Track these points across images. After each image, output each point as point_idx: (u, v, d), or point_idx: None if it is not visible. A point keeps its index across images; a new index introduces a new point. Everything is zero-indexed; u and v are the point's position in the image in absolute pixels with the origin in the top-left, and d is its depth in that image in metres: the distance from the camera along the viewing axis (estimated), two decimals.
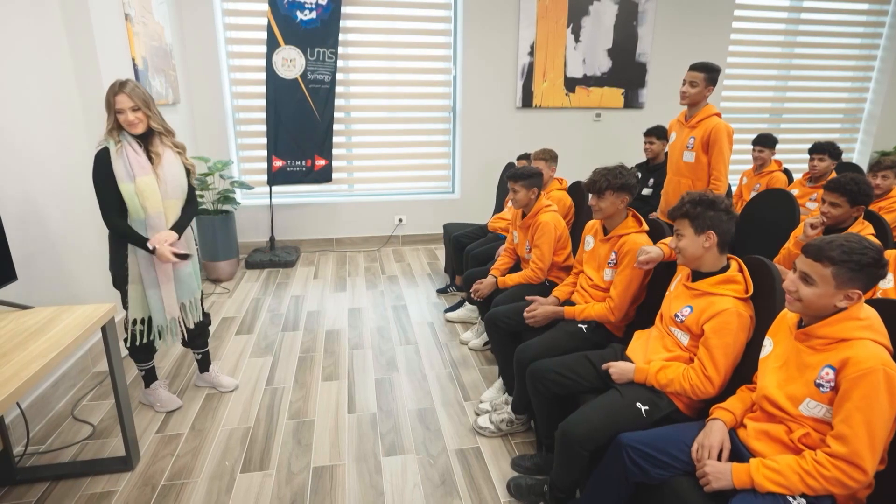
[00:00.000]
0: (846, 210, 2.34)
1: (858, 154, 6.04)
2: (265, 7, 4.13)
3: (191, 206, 2.27)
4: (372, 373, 2.78)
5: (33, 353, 1.52)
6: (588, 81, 4.98)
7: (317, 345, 3.08)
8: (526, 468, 2.02)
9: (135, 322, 2.20)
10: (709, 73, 2.84)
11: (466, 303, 3.41)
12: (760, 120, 5.77)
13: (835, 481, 1.17)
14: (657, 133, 3.92)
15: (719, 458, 1.36)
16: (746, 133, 4.85)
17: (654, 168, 3.90)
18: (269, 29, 4.14)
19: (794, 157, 5.59)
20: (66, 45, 2.62)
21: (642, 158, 4.08)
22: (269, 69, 4.22)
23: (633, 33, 4.93)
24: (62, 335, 1.63)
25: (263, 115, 4.39)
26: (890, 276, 1.93)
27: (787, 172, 3.93)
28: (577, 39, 4.83)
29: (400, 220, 5.06)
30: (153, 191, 2.08)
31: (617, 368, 1.74)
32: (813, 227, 2.41)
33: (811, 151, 3.42)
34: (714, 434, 1.40)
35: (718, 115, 2.94)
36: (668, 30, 5.02)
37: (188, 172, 2.23)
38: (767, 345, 1.43)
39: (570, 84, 4.95)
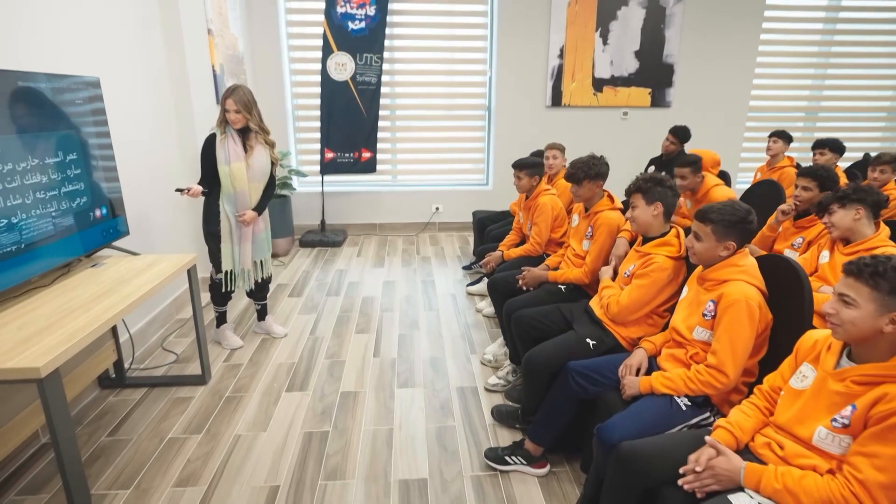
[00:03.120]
0: (816, 194, 2.61)
1: None
2: (321, 18, 4.74)
3: (269, 190, 2.92)
4: (397, 329, 3.30)
5: (146, 280, 2.12)
6: (615, 82, 5.29)
7: (354, 307, 3.64)
8: (514, 398, 2.47)
9: (226, 273, 2.83)
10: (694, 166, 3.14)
11: (485, 277, 3.85)
12: (795, 119, 5.84)
13: (706, 383, 1.56)
14: (679, 134, 4.21)
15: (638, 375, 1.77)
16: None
17: (668, 163, 4.19)
18: (325, 37, 4.75)
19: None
20: (163, 56, 3.29)
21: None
22: (324, 72, 4.83)
23: (661, 36, 5.19)
24: (162, 271, 2.24)
25: (318, 113, 5.01)
26: (826, 252, 2.24)
27: (798, 167, 4.11)
28: (605, 42, 5.16)
29: (437, 209, 5.57)
30: (242, 174, 2.71)
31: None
32: (784, 213, 2.71)
33: (814, 147, 3.64)
34: (635, 357, 1.81)
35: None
36: (695, 31, 5.24)
37: (272, 164, 2.84)
38: (684, 291, 1.82)
39: (598, 84, 5.28)
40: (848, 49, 5.65)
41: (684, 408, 1.59)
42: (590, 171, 2.42)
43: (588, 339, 2.03)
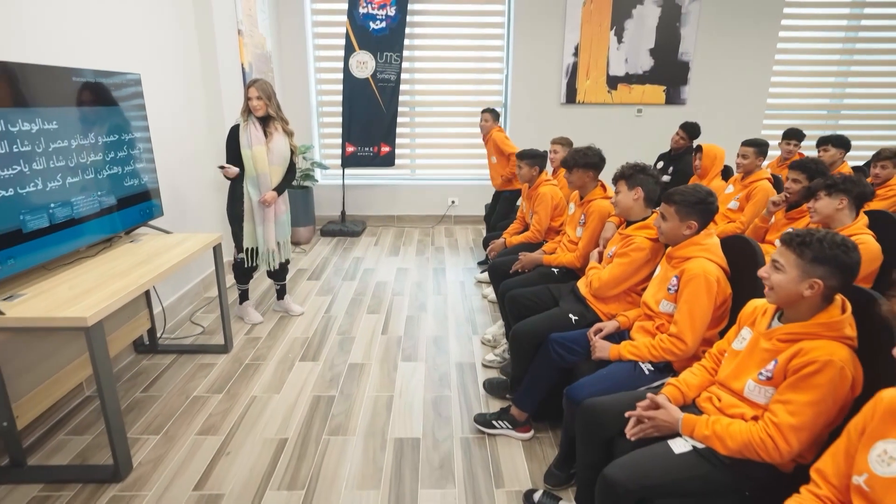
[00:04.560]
0: (806, 185, 2.70)
1: None
2: (345, 19, 4.99)
3: (289, 174, 3.15)
4: (405, 311, 3.51)
5: (176, 254, 2.39)
6: (630, 79, 5.39)
7: (367, 290, 3.87)
8: (508, 374, 2.64)
9: (247, 250, 3.09)
10: None
11: None
12: (817, 117, 5.81)
13: (667, 350, 1.71)
14: (689, 130, 4.29)
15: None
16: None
17: (675, 157, 4.29)
18: (347, 37, 5.00)
19: (856, 155, 5.45)
20: (197, 55, 3.58)
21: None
22: (346, 70, 5.08)
23: (676, 34, 5.26)
24: (191, 247, 2.50)
25: (340, 109, 5.26)
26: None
27: None
28: (619, 40, 5.26)
29: (452, 202, 5.76)
30: (263, 158, 2.96)
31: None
32: (775, 204, 2.81)
33: (818, 145, 3.70)
34: (604, 323, 1.98)
35: None
36: (712, 29, 5.29)
37: (292, 152, 3.10)
38: (657, 270, 1.97)
39: (613, 82, 5.39)
40: (871, 46, 5.59)
41: (647, 372, 1.75)
42: (580, 161, 2.58)
43: (570, 315, 2.19)
